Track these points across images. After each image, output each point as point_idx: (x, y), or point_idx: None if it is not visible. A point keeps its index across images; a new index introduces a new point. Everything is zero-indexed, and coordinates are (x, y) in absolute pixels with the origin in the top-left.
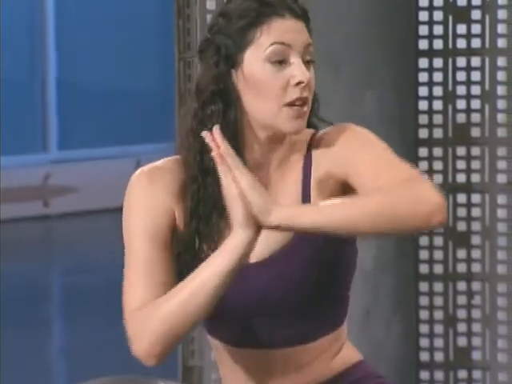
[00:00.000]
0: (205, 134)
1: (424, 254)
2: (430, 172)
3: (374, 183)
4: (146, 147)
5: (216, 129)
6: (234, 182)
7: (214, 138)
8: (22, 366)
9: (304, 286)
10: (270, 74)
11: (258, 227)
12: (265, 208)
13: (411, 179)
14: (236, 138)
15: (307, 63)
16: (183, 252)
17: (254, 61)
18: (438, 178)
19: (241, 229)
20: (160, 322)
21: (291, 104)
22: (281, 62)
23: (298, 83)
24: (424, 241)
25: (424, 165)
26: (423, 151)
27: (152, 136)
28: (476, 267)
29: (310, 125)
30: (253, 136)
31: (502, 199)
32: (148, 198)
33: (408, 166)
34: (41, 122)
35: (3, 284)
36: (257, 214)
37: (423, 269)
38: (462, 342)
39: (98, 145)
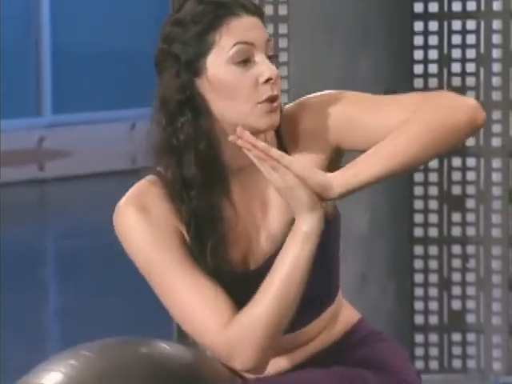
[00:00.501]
0: (233, 138)
1: (419, 218)
2: None
3: (392, 118)
4: (141, 111)
5: (241, 129)
6: (287, 171)
7: (246, 139)
8: (20, 326)
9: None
10: (237, 75)
11: (321, 205)
12: (326, 182)
13: (428, 96)
14: (212, 146)
15: (270, 58)
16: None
17: (218, 65)
18: None
19: (308, 214)
20: (261, 327)
21: (263, 101)
22: (245, 61)
23: (267, 80)
24: (419, 204)
25: None
26: None
27: (147, 100)
28: (471, 231)
29: None
30: (228, 141)
31: (496, 163)
32: (153, 229)
33: (409, 94)
34: (35, 86)
35: (3, 249)
36: (321, 191)
37: (418, 232)
38: (456, 305)
39: (93, 108)
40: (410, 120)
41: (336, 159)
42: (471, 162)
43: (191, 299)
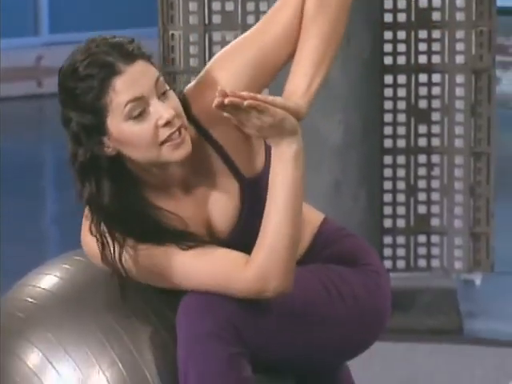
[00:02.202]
0: (217, 104)
1: (388, 130)
2: (395, 53)
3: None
4: (139, 31)
5: (221, 90)
6: (274, 108)
7: (232, 97)
8: (20, 231)
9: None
10: (137, 128)
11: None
12: (298, 106)
13: None
14: (140, 180)
15: (163, 95)
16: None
17: (117, 124)
18: (402, 59)
19: (294, 137)
20: (283, 249)
21: (166, 141)
22: (141, 113)
23: (166, 123)
24: (388, 118)
25: (389, 47)
26: (388, 34)
27: (145, 20)
28: (435, 141)
29: None
30: (157, 169)
31: (459, 78)
32: None
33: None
34: (32, 6)
35: (3, 161)
36: (296, 115)
37: (387, 143)
38: (421, 209)
39: (90, 28)
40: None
41: None
42: (436, 77)
43: (206, 266)
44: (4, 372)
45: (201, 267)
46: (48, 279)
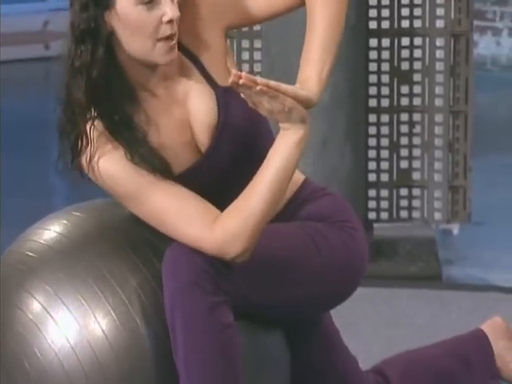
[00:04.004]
0: (233, 81)
1: (373, 90)
2: (379, 18)
3: None
4: None
5: (236, 73)
6: (285, 96)
7: (246, 80)
8: (22, 186)
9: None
10: (142, 13)
11: (308, 116)
12: (309, 95)
13: None
14: (127, 73)
15: (172, 1)
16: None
17: (127, 3)
18: (386, 23)
19: (302, 124)
20: (254, 219)
21: (163, 39)
22: (151, 1)
23: (169, 21)
24: (373, 79)
25: (374, 12)
26: (373, 0)
27: None
28: (417, 101)
29: None
30: (142, 65)
31: (439, 42)
32: (118, 166)
33: None
34: None
35: (5, 116)
36: (307, 104)
37: (372, 103)
38: (404, 164)
39: None
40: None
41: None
42: (418, 41)
43: (175, 212)
44: (5, 322)
45: (168, 205)
46: (47, 234)
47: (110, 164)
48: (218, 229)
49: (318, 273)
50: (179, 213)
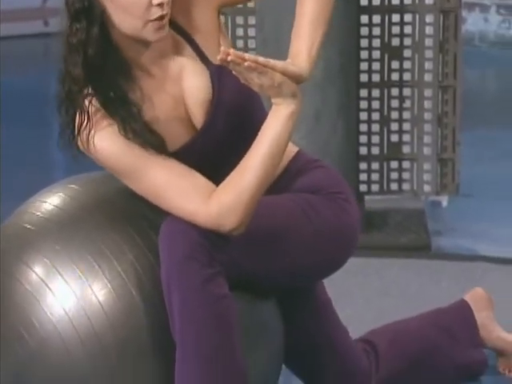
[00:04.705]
0: (222, 60)
1: (364, 66)
2: None
3: None
4: None
5: (225, 49)
6: (273, 71)
7: (234, 57)
8: (23, 159)
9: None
10: None
11: (299, 90)
12: (300, 70)
13: None
14: (121, 51)
15: None
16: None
17: None
18: (377, 0)
19: (292, 99)
20: (247, 197)
21: (154, 20)
22: None
23: (160, 4)
24: (364, 54)
25: None
26: None
27: None
28: (407, 76)
29: None
30: (135, 41)
31: (429, 18)
32: (117, 144)
33: None
34: None
35: (5, 91)
36: (297, 79)
37: (363, 78)
38: (394, 137)
39: None
40: None
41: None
42: (408, 17)
43: (171, 187)
44: (4, 293)
45: (164, 180)
46: (44, 206)
47: (105, 141)
48: (214, 203)
49: (310, 243)
50: (175, 187)
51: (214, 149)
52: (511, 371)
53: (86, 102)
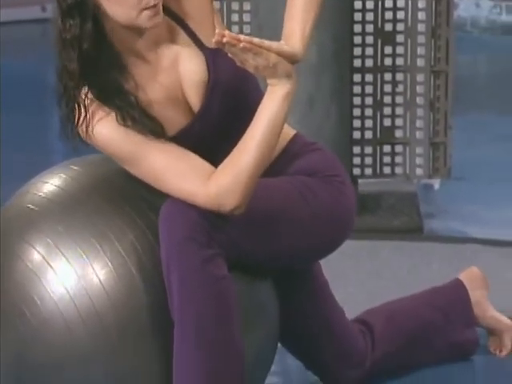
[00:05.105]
0: (217, 42)
1: (357, 51)
2: None
3: None
4: None
5: (220, 32)
6: (268, 52)
7: (229, 38)
8: (22, 144)
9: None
10: None
11: (294, 70)
12: (294, 51)
13: None
14: (116, 41)
15: None
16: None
17: None
18: None
19: (287, 79)
20: (246, 176)
21: (147, 9)
22: None
23: None
24: (358, 39)
25: None
26: None
27: None
28: (400, 61)
29: None
30: (130, 30)
31: (421, 3)
32: (117, 132)
33: None
34: None
35: (5, 75)
36: (292, 59)
37: (357, 63)
38: (387, 122)
39: None
40: None
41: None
42: (401, 2)
43: (170, 169)
44: (6, 271)
45: (163, 164)
46: (46, 187)
47: (104, 129)
48: (212, 184)
49: (308, 225)
50: (174, 170)
51: (211, 131)
52: (502, 351)
53: (83, 96)
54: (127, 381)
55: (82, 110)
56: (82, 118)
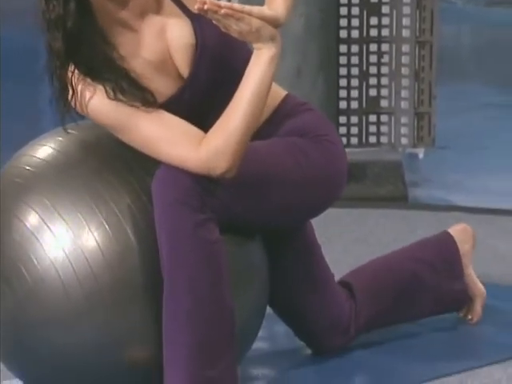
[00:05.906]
0: (199, 9)
1: (343, 22)
2: None
3: None
4: None
5: (201, 0)
6: (250, 17)
7: (210, 5)
8: (20, 112)
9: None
10: None
11: (278, 34)
12: (277, 15)
13: None
14: (101, 15)
15: None
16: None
17: None
18: None
19: (272, 43)
20: (235, 139)
21: None
22: None
23: None
24: (344, 11)
25: None
26: None
27: None
28: (385, 32)
29: None
30: (115, 2)
31: None
32: (108, 101)
33: None
34: None
35: (5, 45)
36: (274, 23)
37: (343, 34)
38: (372, 92)
39: None
40: None
41: None
42: None
43: (164, 136)
44: (4, 231)
45: (155, 130)
46: (44, 150)
47: (95, 101)
48: (203, 148)
49: (300, 185)
50: (165, 137)
51: (200, 97)
52: (473, 319)
53: (70, 74)
54: (122, 340)
55: (70, 87)
56: (70, 96)
